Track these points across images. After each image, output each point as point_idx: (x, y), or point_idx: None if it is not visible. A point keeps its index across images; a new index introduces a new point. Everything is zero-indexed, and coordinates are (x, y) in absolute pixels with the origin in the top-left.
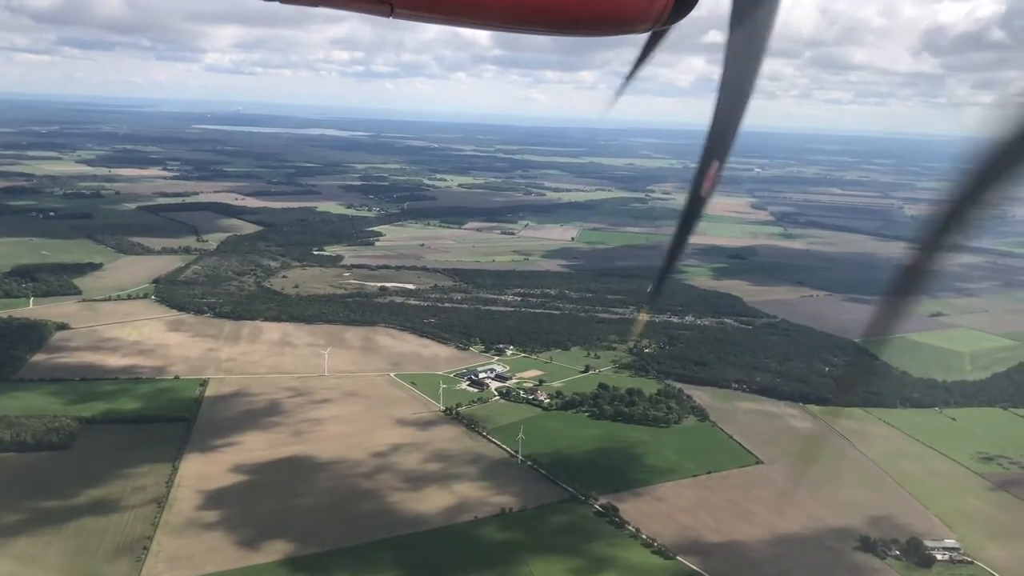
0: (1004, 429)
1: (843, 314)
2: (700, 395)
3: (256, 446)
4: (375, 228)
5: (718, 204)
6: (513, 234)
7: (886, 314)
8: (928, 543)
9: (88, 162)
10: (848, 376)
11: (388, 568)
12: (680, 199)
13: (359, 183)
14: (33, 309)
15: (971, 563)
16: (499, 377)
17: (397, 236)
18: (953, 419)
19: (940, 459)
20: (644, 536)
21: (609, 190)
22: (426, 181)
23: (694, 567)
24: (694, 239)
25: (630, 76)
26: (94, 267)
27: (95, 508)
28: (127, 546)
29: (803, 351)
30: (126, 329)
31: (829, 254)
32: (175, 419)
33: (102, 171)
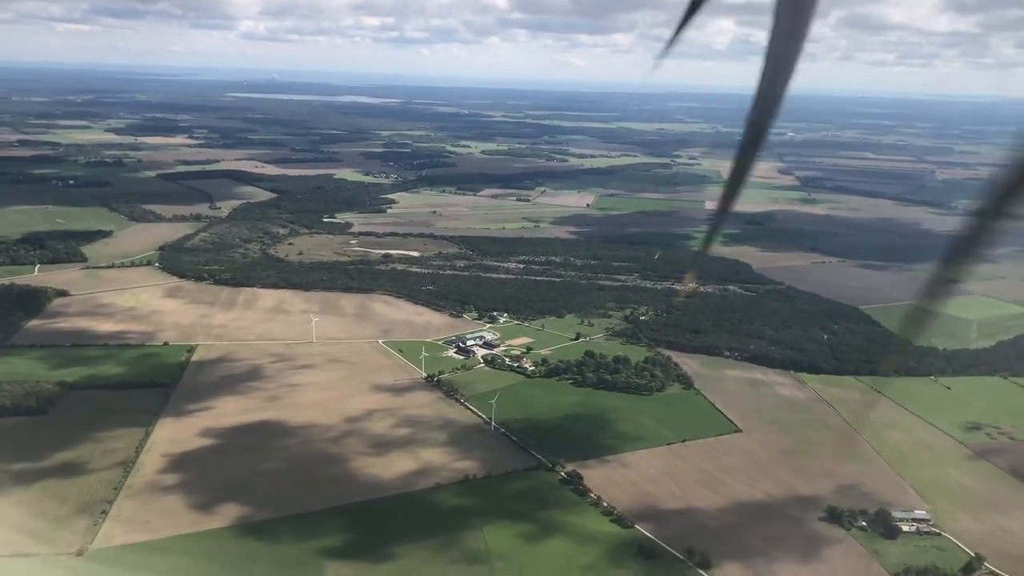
0: (999, 398)
1: (852, 281)
2: (689, 363)
3: (230, 411)
4: (389, 195)
5: None
6: (528, 201)
7: (939, 282)
8: (896, 514)
9: (116, 131)
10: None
11: (336, 533)
12: (706, 164)
13: (381, 150)
14: (37, 276)
15: (939, 535)
16: (487, 345)
17: (410, 203)
18: (948, 388)
19: (926, 429)
20: (605, 504)
21: (635, 155)
22: (449, 148)
23: (647, 534)
24: (711, 204)
25: (672, 39)
26: (104, 234)
27: (62, 471)
28: (87, 508)
29: (804, 319)
30: (124, 296)
31: (849, 219)
32: (156, 384)
33: (128, 139)
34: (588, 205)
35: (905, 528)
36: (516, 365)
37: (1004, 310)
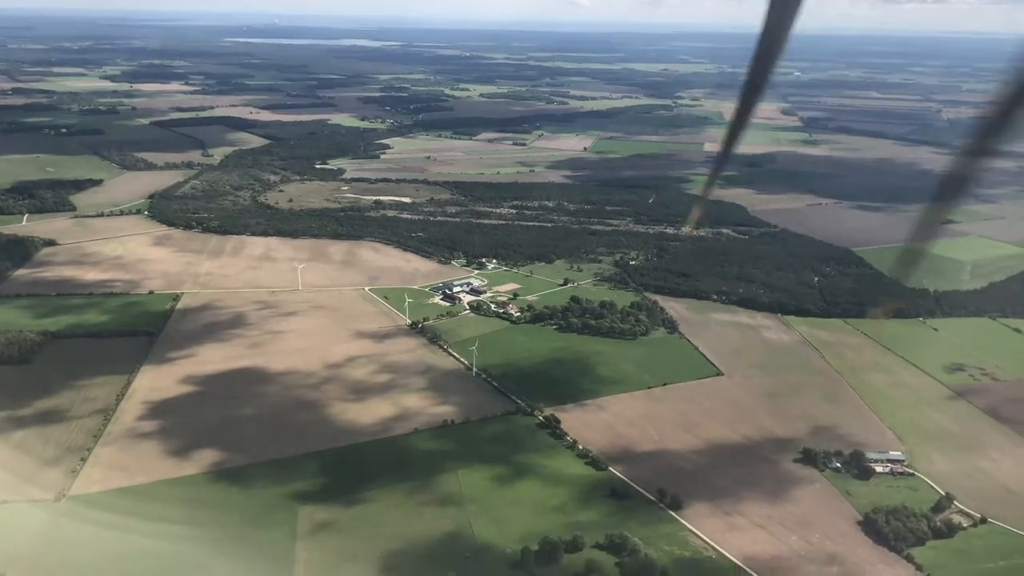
0: (986, 340)
1: (847, 223)
2: (676, 307)
3: (212, 358)
4: (384, 140)
5: None
6: (524, 145)
7: (928, 222)
8: (871, 455)
9: (112, 78)
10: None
11: (310, 478)
12: (708, 105)
13: (378, 95)
14: (25, 226)
15: (912, 475)
16: (473, 291)
17: (405, 148)
18: (935, 329)
19: (910, 370)
20: (580, 447)
21: (637, 97)
22: (447, 91)
23: (620, 476)
24: (710, 147)
25: None
26: (94, 183)
27: (43, 419)
28: (66, 455)
29: (796, 262)
30: (111, 245)
31: (849, 160)
32: (139, 333)
33: (124, 87)
34: (585, 149)
35: (878, 469)
36: (502, 311)
37: (1000, 251)
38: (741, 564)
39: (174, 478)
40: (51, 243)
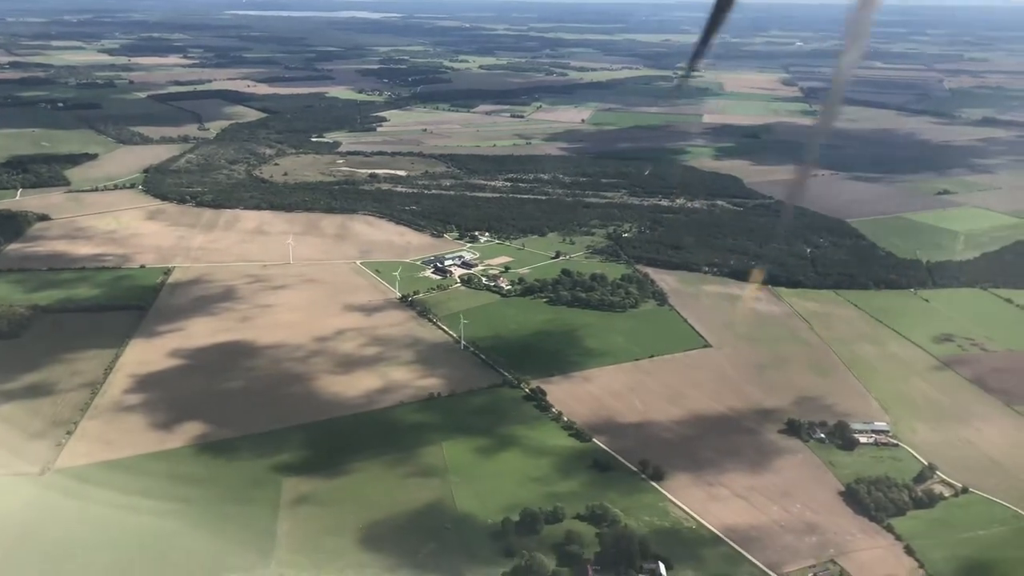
0: (976, 310)
1: (842, 194)
2: (667, 279)
3: (200, 332)
4: (381, 113)
5: (746, 80)
6: (522, 117)
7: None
8: (855, 426)
9: (110, 51)
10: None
11: (295, 450)
12: (709, 76)
13: (377, 67)
14: (19, 200)
15: (896, 446)
16: (465, 264)
17: (402, 121)
18: (926, 300)
19: (899, 341)
20: (565, 418)
21: (637, 68)
22: (446, 63)
23: (604, 447)
24: (708, 118)
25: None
26: (89, 157)
27: (30, 392)
28: (52, 429)
29: (789, 233)
30: (104, 219)
31: (847, 131)
32: (130, 307)
33: (121, 60)
34: (583, 120)
35: (863, 440)
36: (492, 284)
37: (994, 221)
38: (720, 534)
39: (159, 451)
40: (44, 218)
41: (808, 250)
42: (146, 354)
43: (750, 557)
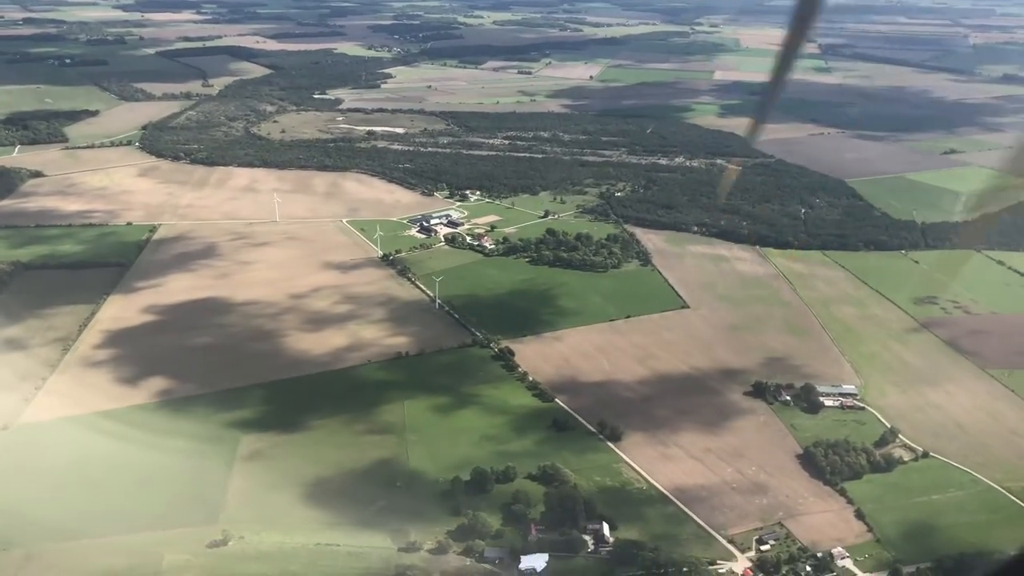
0: (967, 272)
1: (846, 153)
2: (654, 239)
3: (177, 289)
4: (388, 70)
5: (764, 36)
6: (530, 73)
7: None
8: (822, 389)
9: (124, 7)
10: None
11: (256, 406)
12: (727, 31)
13: (389, 23)
14: (15, 157)
15: (862, 409)
16: (451, 223)
17: (407, 78)
18: (916, 262)
19: (881, 303)
20: (531, 378)
21: (654, 23)
22: (460, 19)
23: (565, 406)
24: (719, 75)
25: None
26: (89, 114)
27: (3, 347)
28: (20, 384)
29: (786, 192)
30: (97, 176)
31: (859, 88)
32: (111, 264)
33: (135, 16)
34: (591, 77)
35: (828, 403)
36: (476, 244)
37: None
38: (664, 489)
39: (123, 407)
40: (38, 174)
41: (803, 211)
42: (122, 310)
43: (695, 518)
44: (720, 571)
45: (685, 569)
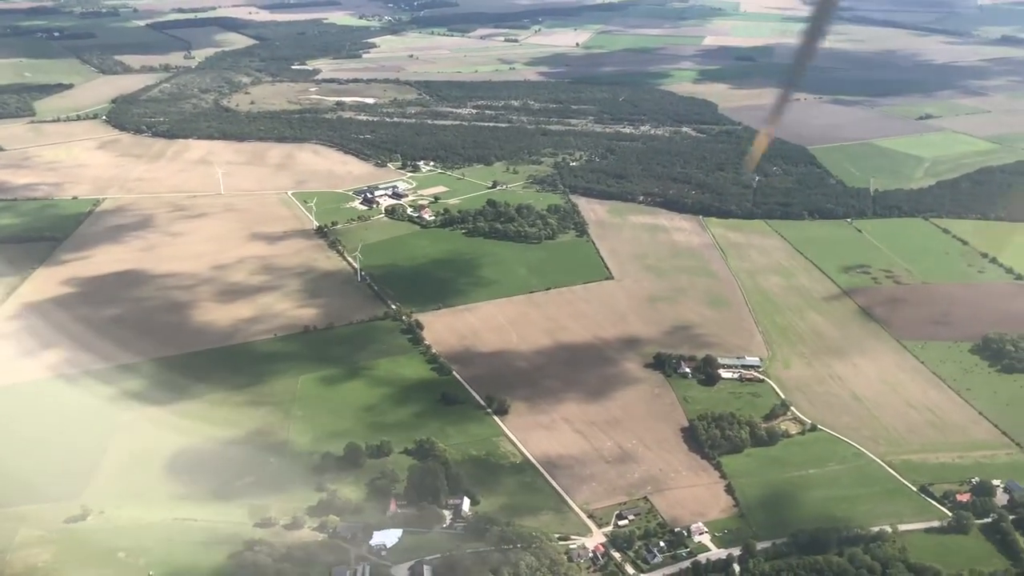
0: (909, 240)
1: (816, 119)
2: (598, 209)
3: (102, 261)
4: (373, 39)
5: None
6: (517, 41)
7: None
8: (724, 360)
9: None
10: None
11: (147, 379)
12: None
13: None
14: None
15: (761, 381)
16: (396, 195)
17: (391, 47)
18: (859, 231)
19: (811, 272)
20: (434, 350)
21: None
22: None
23: (459, 378)
24: (710, 40)
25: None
26: (63, 87)
27: None
28: None
29: (744, 160)
30: (55, 150)
31: (848, 52)
32: (45, 238)
33: None
34: (578, 44)
35: (727, 375)
36: (416, 215)
37: (969, 147)
38: (537, 463)
39: (17, 382)
40: None
41: (756, 179)
42: (44, 283)
43: (561, 491)
44: (572, 546)
45: (533, 545)
